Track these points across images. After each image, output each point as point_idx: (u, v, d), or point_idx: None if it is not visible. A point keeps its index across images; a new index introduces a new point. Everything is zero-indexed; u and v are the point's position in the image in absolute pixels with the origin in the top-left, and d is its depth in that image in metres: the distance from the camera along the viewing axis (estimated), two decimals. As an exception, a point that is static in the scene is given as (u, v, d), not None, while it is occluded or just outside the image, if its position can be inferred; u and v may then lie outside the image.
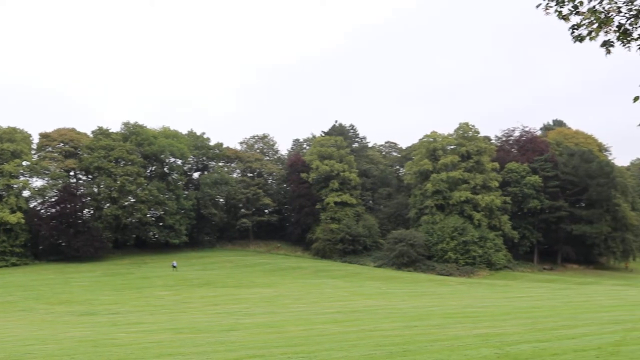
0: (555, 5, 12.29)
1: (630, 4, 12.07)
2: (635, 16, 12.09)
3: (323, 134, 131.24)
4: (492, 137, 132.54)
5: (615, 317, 36.91)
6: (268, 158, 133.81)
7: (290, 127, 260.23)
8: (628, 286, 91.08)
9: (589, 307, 48.09)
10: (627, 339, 24.56)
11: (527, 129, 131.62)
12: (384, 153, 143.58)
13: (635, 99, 11.80)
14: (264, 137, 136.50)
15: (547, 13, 12.29)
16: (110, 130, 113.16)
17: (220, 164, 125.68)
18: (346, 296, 65.79)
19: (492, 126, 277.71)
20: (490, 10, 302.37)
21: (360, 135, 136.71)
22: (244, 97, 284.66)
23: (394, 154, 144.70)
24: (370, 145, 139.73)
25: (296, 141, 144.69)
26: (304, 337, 29.07)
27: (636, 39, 12.17)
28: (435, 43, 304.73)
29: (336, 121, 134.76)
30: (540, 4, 12.22)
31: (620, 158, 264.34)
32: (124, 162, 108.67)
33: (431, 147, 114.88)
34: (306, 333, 31.50)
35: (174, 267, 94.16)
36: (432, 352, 21.97)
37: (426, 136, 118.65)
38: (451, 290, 75.98)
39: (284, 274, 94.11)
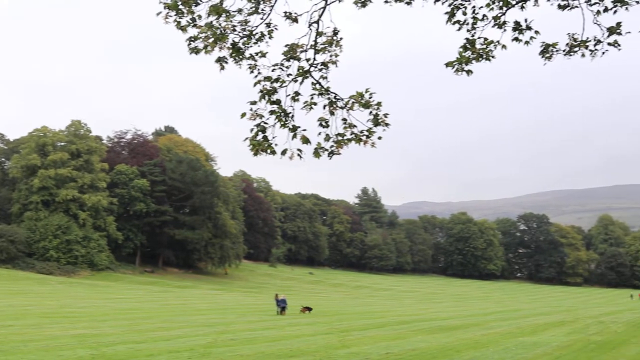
0: (175, 15, 12.60)
1: (244, 24, 12.95)
2: (248, 36, 13.01)
3: None
4: (105, 137, 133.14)
5: (208, 320, 41.15)
6: None
7: None
8: (223, 291, 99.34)
9: (185, 310, 52.35)
10: (218, 341, 28.12)
11: (139, 133, 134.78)
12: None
13: (243, 114, 12.59)
14: None
15: (167, 22, 12.58)
16: None
17: None
18: None
19: (106, 127, 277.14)
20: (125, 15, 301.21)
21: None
22: None
23: (1, 145, 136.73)
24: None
25: None
26: None
27: (247, 58, 13.06)
28: (58, 40, 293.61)
29: None
30: (160, 12, 12.53)
31: (225, 168, 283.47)
32: None
33: (41, 142, 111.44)
34: None
35: None
36: (26, 353, 22.73)
37: (36, 130, 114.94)
38: (51, 290, 75.58)
39: None
